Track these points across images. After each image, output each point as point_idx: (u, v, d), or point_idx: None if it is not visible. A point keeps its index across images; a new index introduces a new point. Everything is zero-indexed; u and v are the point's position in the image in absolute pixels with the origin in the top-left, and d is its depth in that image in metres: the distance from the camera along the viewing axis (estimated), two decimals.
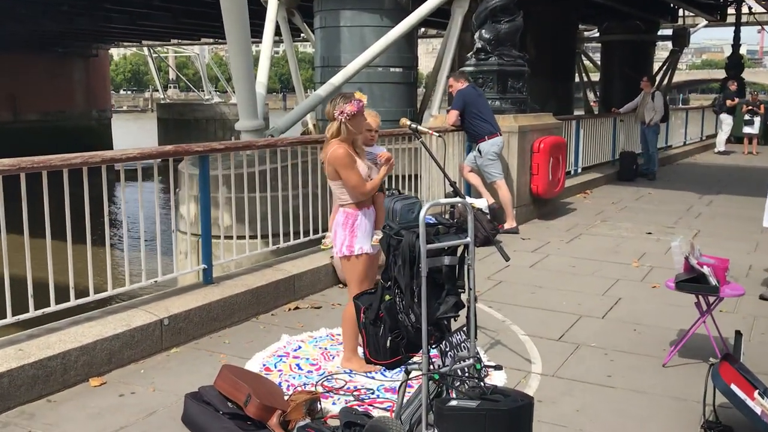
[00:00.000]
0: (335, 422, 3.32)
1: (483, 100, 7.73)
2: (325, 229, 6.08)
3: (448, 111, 8.41)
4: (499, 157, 7.68)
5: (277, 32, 14.62)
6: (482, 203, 7.52)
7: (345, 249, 3.76)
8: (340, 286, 5.69)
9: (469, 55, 8.59)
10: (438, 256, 3.14)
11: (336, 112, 3.68)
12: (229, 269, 6.01)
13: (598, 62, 25.58)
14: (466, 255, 3.22)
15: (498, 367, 3.08)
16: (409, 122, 4.02)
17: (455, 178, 8.07)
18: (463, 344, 3.22)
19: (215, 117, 34.63)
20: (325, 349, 4.31)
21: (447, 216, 4.45)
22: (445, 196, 7.05)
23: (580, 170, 11.84)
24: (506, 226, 7.76)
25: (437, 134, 4.09)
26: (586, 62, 27.71)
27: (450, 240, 3.16)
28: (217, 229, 5.30)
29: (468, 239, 3.18)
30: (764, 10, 25.71)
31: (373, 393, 3.69)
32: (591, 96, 27.05)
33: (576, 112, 22.63)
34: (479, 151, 7.61)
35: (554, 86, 20.24)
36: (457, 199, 3.33)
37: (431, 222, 3.35)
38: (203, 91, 46.83)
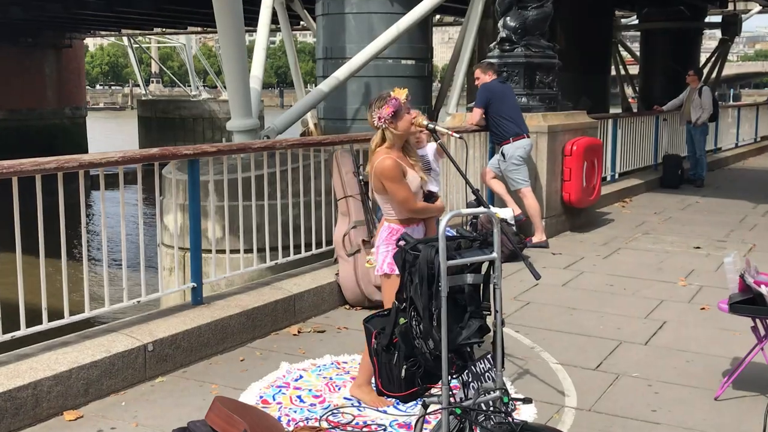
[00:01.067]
0: None
1: (510, 96, 7.75)
2: (330, 242, 6.11)
3: (468, 108, 8.44)
4: (525, 162, 7.68)
5: (274, 20, 14.73)
6: (507, 213, 7.48)
7: (386, 266, 3.80)
8: (347, 307, 5.70)
9: (491, 45, 8.62)
10: (460, 273, 3.14)
11: (375, 120, 3.71)
12: (220, 288, 6.02)
13: (638, 53, 25.58)
14: (491, 272, 3.22)
15: (527, 400, 3.08)
16: (426, 122, 4.02)
17: (477, 184, 8.09)
18: (488, 374, 3.21)
19: (203, 115, 34.78)
20: (330, 378, 4.31)
21: (468, 228, 4.45)
22: (467, 206, 7.05)
23: (617, 176, 11.83)
24: (534, 239, 7.75)
25: (457, 135, 4.09)
26: (624, 53, 27.71)
27: (473, 255, 3.17)
28: (207, 242, 5.32)
29: (494, 254, 3.18)
30: None
31: (384, 429, 3.69)
32: (629, 91, 27.03)
33: (612, 110, 22.66)
34: (503, 155, 7.62)
35: (588, 81, 20.25)
36: (481, 209, 3.34)
37: (452, 235, 3.36)
38: (190, 86, 47.05)
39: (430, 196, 3.93)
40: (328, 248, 6.16)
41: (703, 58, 24.99)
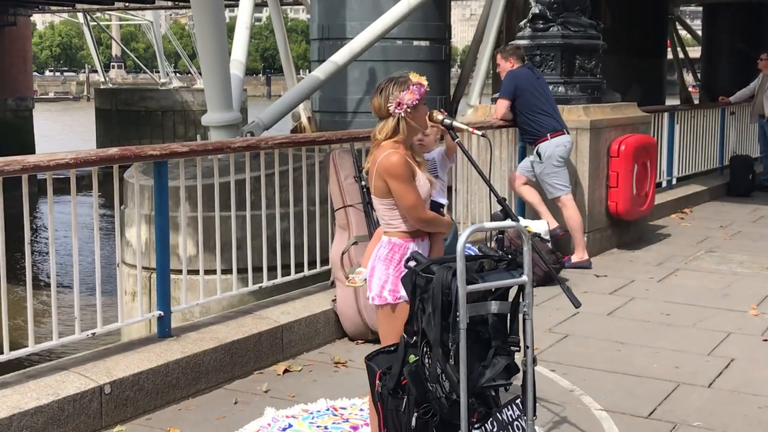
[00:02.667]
0: None
1: (543, 85, 7.76)
2: (325, 261, 6.11)
3: (493, 100, 8.45)
4: (566, 164, 7.69)
5: None
6: (541, 227, 7.51)
7: (387, 294, 3.63)
8: (346, 340, 5.69)
9: (521, 23, 8.64)
10: (482, 301, 3.15)
11: (392, 105, 3.62)
12: (193, 317, 6.01)
13: (699, 33, 25.62)
14: (521, 300, 3.22)
15: None
16: (441, 116, 4.02)
17: (504, 192, 8.08)
18: (516, 423, 3.20)
19: (175, 107, 34.90)
20: (326, 428, 4.30)
21: (494, 245, 4.45)
22: (491, 218, 7.01)
23: (675, 181, 11.81)
24: (574, 258, 7.74)
25: (479, 133, 4.09)
26: (683, 33, 27.75)
27: (499, 279, 3.18)
28: (178, 261, 5.32)
29: (524, 277, 3.18)
30: None
31: None
32: (689, 79, 27.14)
33: (669, 101, 22.68)
34: (539, 155, 7.63)
35: (639, 66, 20.29)
36: (509, 222, 3.34)
37: (473, 254, 3.36)
38: (158, 72, 47.28)
39: (436, 209, 3.92)
40: (323, 269, 6.14)
41: None
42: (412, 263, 3.26)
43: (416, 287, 3.18)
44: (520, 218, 7.76)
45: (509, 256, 3.27)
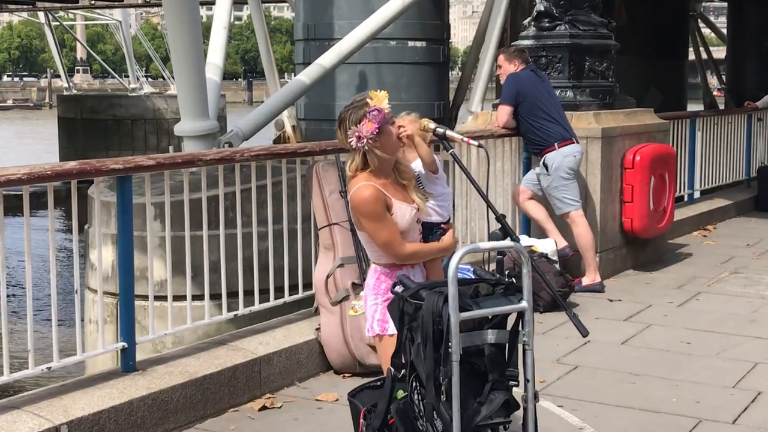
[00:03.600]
0: None
1: (548, 89, 7.78)
2: (308, 286, 6.10)
3: (494, 106, 8.46)
4: (575, 176, 7.70)
5: None
6: (548, 246, 7.50)
7: (376, 325, 3.76)
8: (332, 373, 5.68)
9: (525, 21, 8.67)
10: (478, 329, 3.16)
11: (351, 140, 3.68)
12: (163, 348, 5.99)
13: (724, 31, 25.72)
14: (520, 328, 3.22)
15: None
16: (433, 125, 4.03)
17: (505, 208, 8.07)
18: None
19: (146, 116, 34.88)
20: None
21: (492, 268, 4.45)
22: (489, 237, 6.99)
23: (697, 195, 11.82)
24: (585, 281, 7.74)
25: (475, 143, 4.10)
26: (706, 31, 27.88)
27: (496, 305, 3.18)
28: (145, 285, 5.31)
29: (524, 304, 3.18)
30: None
31: None
32: (713, 82, 27.21)
33: (691, 107, 22.75)
34: (545, 167, 7.64)
35: (657, 68, 20.37)
36: (506, 242, 3.33)
37: (467, 278, 3.36)
38: (128, 76, 47.39)
39: (430, 231, 3.92)
40: (306, 294, 6.13)
41: None
42: (399, 288, 3.26)
43: (404, 315, 3.18)
44: (525, 237, 7.80)
45: (507, 280, 3.27)
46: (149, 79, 56.07)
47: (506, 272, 4.08)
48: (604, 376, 5.67)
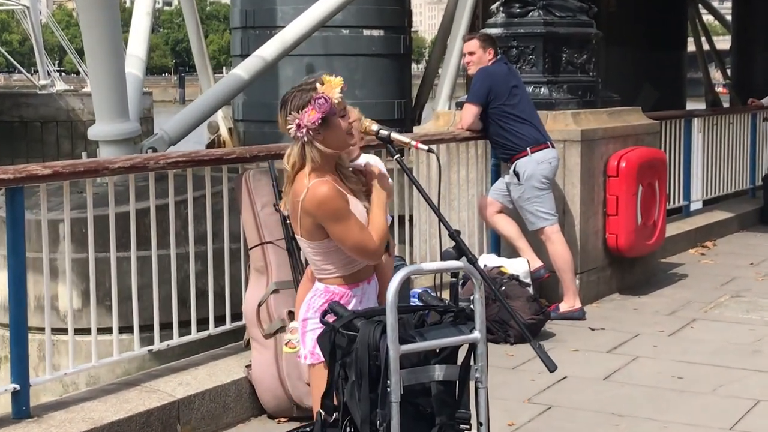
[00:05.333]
0: None
1: (520, 85, 7.79)
2: (237, 316, 6.05)
3: (458, 105, 8.47)
4: (551, 186, 7.72)
5: None
6: (520, 267, 7.50)
7: (319, 350, 3.66)
8: (264, 418, 5.63)
9: (494, 7, 8.69)
10: (423, 365, 3.14)
11: (290, 127, 3.68)
12: (65, 388, 5.93)
13: (729, 18, 25.99)
14: (472, 363, 3.21)
15: None
16: (376, 126, 4.02)
17: (471, 224, 8.07)
18: None
19: (58, 117, 34.66)
20: None
21: (446, 295, 4.44)
22: (441, 256, 6.88)
23: (694, 206, 11.90)
24: (563, 306, 7.75)
25: (425, 147, 4.09)
26: (708, 18, 28.17)
27: (443, 336, 3.17)
28: (41, 316, 5.25)
29: (476, 334, 3.17)
30: None
31: None
32: (717, 76, 27.46)
33: (692, 105, 22.93)
34: (516, 175, 7.64)
35: (653, 61, 20.54)
36: (454, 263, 3.32)
37: (411, 305, 3.35)
38: (37, 71, 47.04)
39: None
40: (234, 325, 6.10)
41: None
42: (330, 317, 3.24)
43: (336, 348, 3.17)
44: (493, 256, 7.82)
45: (457, 307, 3.26)
46: (62, 75, 55.72)
47: (471, 299, 4.06)
48: (584, 418, 5.66)
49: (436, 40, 18.54)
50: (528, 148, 7.61)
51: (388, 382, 3.00)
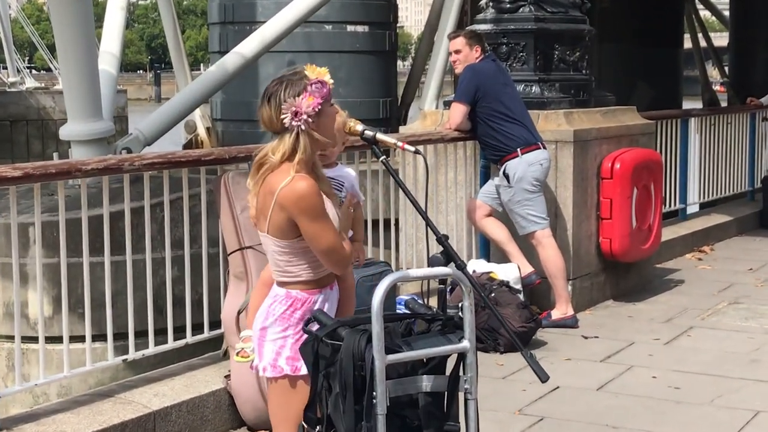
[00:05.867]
0: None
1: (510, 84, 7.82)
2: (216, 324, 6.05)
3: (446, 104, 8.48)
4: (542, 189, 7.73)
5: None
6: (510, 273, 7.51)
7: (284, 363, 3.68)
8: (244, 430, 5.63)
9: (483, 2, 8.70)
10: (410, 375, 3.14)
11: (287, 115, 3.65)
12: (36, 401, 5.91)
13: (727, 14, 26.06)
14: (461, 373, 3.22)
15: None
16: (360, 126, 4.02)
17: (460, 228, 8.08)
18: None
19: (28, 116, 34.55)
20: None
21: (433, 302, 4.45)
22: (428, 262, 6.92)
23: (691, 210, 11.93)
24: (555, 314, 7.76)
25: (412, 149, 4.10)
26: (705, 14, 28.24)
27: (431, 345, 3.17)
28: (10, 324, 5.25)
29: (465, 343, 3.18)
30: None
31: None
32: (714, 74, 27.51)
33: (688, 104, 22.97)
34: (506, 177, 7.66)
35: (647, 58, 20.58)
36: (442, 269, 3.33)
37: (398, 313, 3.36)
38: (6, 68, 46.87)
39: None
40: (213, 334, 6.10)
41: None
42: (313, 326, 3.25)
43: (319, 359, 3.17)
44: (482, 261, 7.84)
45: (445, 315, 3.27)
46: (33, 72, 55.51)
47: (459, 306, 4.07)
48: (577, 429, 5.67)
49: (423, 36, 18.55)
50: (518, 149, 7.62)
51: (374, 393, 3.00)
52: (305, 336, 3.52)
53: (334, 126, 3.81)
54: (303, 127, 3.65)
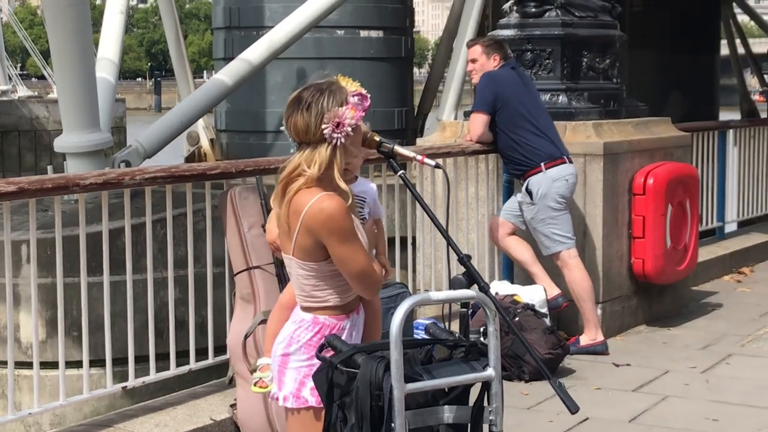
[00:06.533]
0: None
1: (533, 93, 7.82)
2: (221, 348, 6.04)
3: (466, 114, 8.48)
4: (568, 206, 7.71)
5: None
6: (536, 295, 7.49)
7: (309, 394, 3.66)
8: None
9: (506, 6, 8.71)
10: (431, 405, 3.14)
11: (327, 126, 3.64)
12: (28, 430, 5.91)
13: (767, 19, 26.07)
14: (486, 403, 3.21)
15: None
16: (377, 137, 4.03)
17: (482, 246, 8.07)
18: None
19: (21, 126, 34.62)
20: None
21: (454, 327, 4.44)
22: (450, 284, 6.87)
23: (730, 228, 11.91)
24: (584, 340, 7.74)
25: (432, 163, 4.10)
26: (743, 19, 28.23)
27: (454, 374, 3.16)
28: (2, 348, 5.25)
29: (489, 371, 3.17)
30: None
31: None
32: (753, 83, 27.46)
33: (725, 115, 22.96)
34: (529, 194, 7.64)
35: (680, 66, 20.57)
36: (465, 291, 3.32)
37: (417, 338, 3.35)
38: None
39: None
40: (218, 360, 6.11)
41: None
42: (327, 353, 3.24)
43: (334, 387, 3.16)
44: (506, 283, 7.81)
45: (469, 341, 3.26)
46: (25, 79, 55.70)
47: (481, 331, 4.06)
48: None
49: (441, 42, 18.58)
50: (542, 164, 7.59)
51: (392, 425, 2.99)
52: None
53: (359, 142, 3.81)
54: (343, 140, 3.65)
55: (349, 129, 3.64)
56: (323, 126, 3.63)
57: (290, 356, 3.74)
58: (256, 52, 11.87)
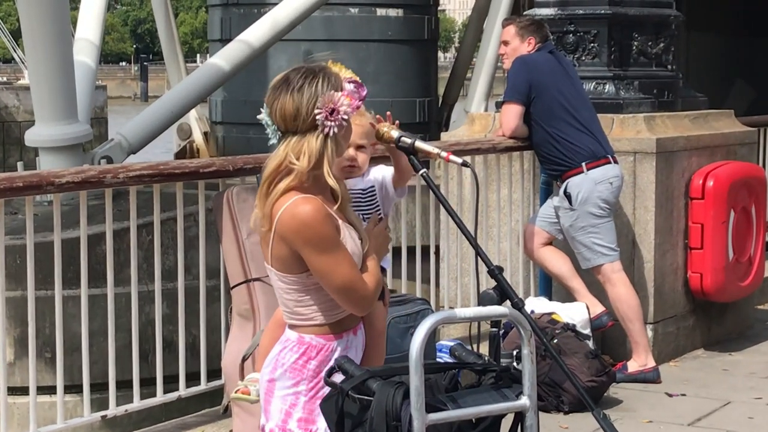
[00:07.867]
0: None
1: (574, 81, 7.82)
2: (215, 372, 6.06)
3: (497, 105, 8.49)
4: (613, 212, 7.70)
5: None
6: (577, 314, 7.49)
7: (295, 426, 3.68)
8: None
9: None
10: None
11: (321, 112, 3.64)
12: None
13: None
14: None
15: None
16: (396, 133, 4.04)
17: (515, 257, 8.07)
18: None
19: None
20: None
21: (483, 349, 4.45)
22: (479, 300, 6.92)
23: None
24: (632, 365, 7.74)
25: (459, 160, 4.11)
26: None
27: (482, 403, 3.17)
28: None
29: (524, 401, 3.18)
30: None
31: None
32: None
33: None
34: (567, 198, 7.63)
35: (748, 51, 20.52)
36: (495, 308, 3.33)
37: (443, 361, 3.36)
38: None
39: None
40: (211, 385, 6.15)
41: None
42: (337, 377, 3.25)
43: (344, 417, 3.17)
44: (543, 300, 7.82)
45: (500, 365, 3.27)
46: None
47: (514, 354, 4.07)
48: None
49: (469, 23, 18.61)
50: (583, 164, 7.58)
51: None
52: (322, 391, 3.56)
53: (349, 135, 3.83)
54: (336, 129, 3.65)
55: (344, 118, 3.65)
56: (316, 111, 3.63)
57: (275, 382, 3.75)
58: (257, 32, 11.91)
